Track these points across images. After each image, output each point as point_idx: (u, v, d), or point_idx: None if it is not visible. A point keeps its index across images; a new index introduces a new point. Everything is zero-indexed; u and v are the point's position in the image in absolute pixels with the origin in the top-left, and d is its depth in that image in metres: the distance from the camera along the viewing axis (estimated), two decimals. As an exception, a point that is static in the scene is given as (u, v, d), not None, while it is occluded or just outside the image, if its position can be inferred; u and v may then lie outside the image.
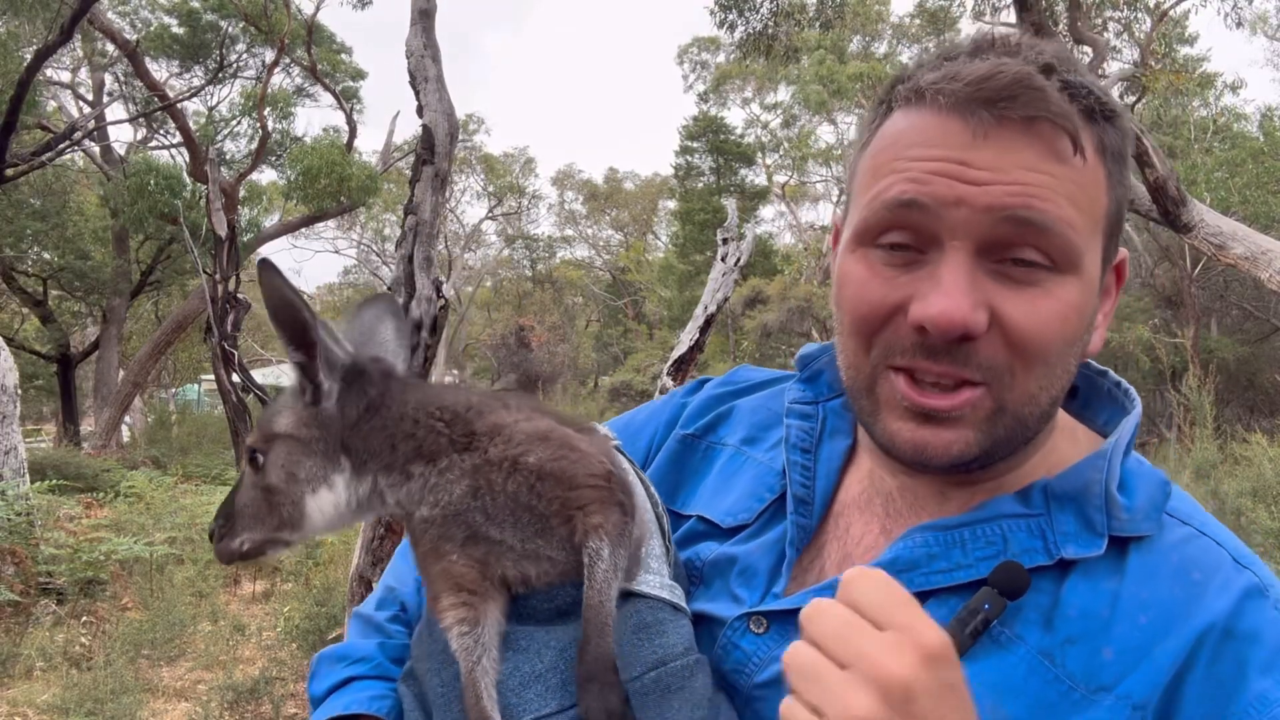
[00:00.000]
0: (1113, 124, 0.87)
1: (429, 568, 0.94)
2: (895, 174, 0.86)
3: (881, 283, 0.87)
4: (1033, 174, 0.82)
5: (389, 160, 23.88)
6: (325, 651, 1.12)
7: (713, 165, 37.04)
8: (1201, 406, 7.76)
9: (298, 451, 0.95)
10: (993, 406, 0.86)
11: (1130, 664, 0.82)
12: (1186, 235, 8.71)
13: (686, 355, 6.97)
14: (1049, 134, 0.83)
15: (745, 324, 26.24)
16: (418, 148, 4.12)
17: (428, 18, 4.39)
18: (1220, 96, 25.13)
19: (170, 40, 21.57)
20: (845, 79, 27.91)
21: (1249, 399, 19.74)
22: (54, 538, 7.91)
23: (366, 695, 1.03)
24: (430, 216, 3.99)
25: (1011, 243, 0.83)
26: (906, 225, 0.86)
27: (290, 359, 0.96)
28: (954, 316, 0.81)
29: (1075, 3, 12.09)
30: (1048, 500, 0.89)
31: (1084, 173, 0.84)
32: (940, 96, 0.84)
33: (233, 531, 0.97)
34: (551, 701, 0.87)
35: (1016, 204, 0.82)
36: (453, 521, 0.92)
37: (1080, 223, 0.84)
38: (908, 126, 0.88)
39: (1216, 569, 0.86)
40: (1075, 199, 0.83)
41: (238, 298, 15.17)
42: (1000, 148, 0.82)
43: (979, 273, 0.84)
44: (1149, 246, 22.02)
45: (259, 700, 5.68)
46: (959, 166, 0.83)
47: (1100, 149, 0.86)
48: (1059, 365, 0.87)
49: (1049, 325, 0.84)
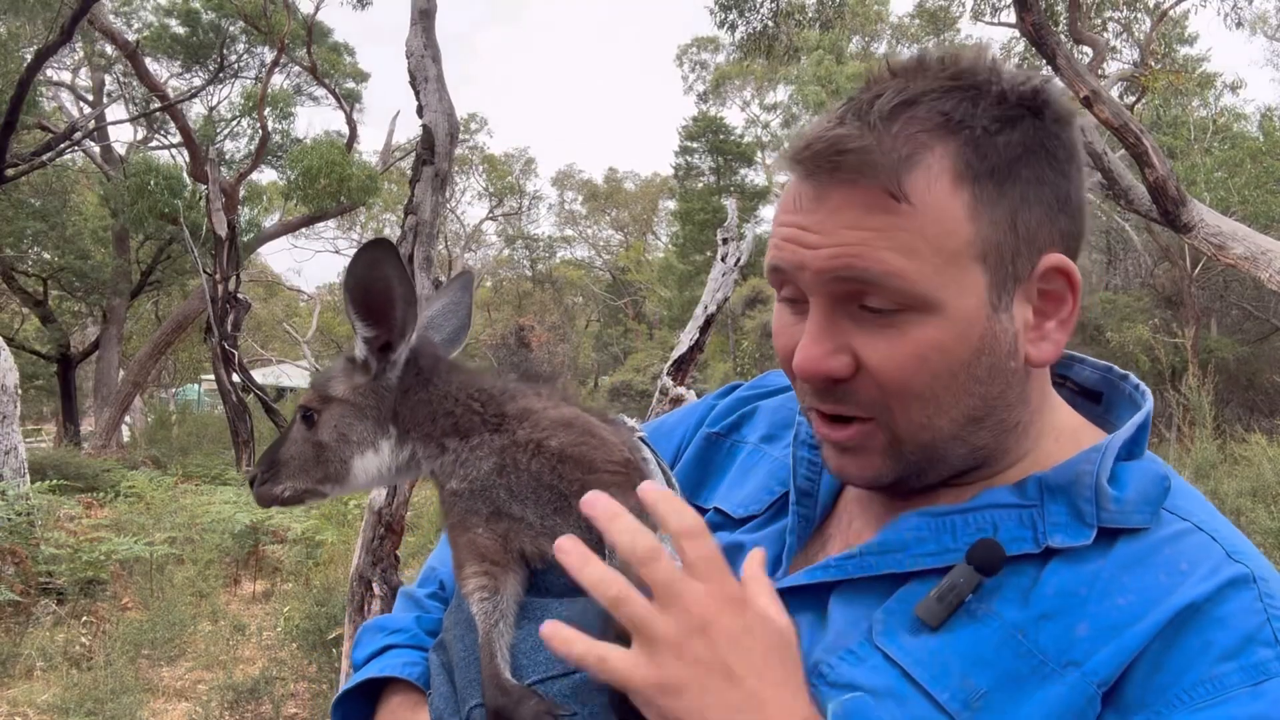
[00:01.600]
0: (1008, 130, 0.86)
1: (456, 539, 1.02)
2: (772, 239, 0.94)
3: (784, 333, 0.96)
4: (855, 232, 0.85)
5: (389, 160, 23.89)
6: (368, 622, 1.23)
7: (712, 165, 37.03)
8: (1201, 406, 7.76)
9: (351, 415, 1.06)
10: (885, 439, 0.92)
11: (1102, 641, 0.83)
12: (1186, 235, 8.71)
13: (686, 355, 6.96)
14: (871, 187, 0.85)
15: (745, 324, 26.24)
16: (418, 148, 4.12)
17: (428, 18, 4.40)
18: (1220, 96, 25.15)
19: (170, 40, 21.57)
20: (843, 79, 27.92)
21: (1249, 399, 19.73)
22: (54, 538, 7.91)
23: (400, 661, 1.12)
24: (430, 216, 4.00)
25: (851, 296, 0.88)
26: (783, 284, 0.94)
27: (361, 332, 1.04)
28: (809, 366, 0.89)
29: (1075, 3, 12.10)
30: (1042, 492, 0.92)
31: (916, 217, 0.84)
32: (795, 164, 0.90)
33: (277, 479, 1.08)
34: (559, 664, 0.94)
35: (839, 265, 0.86)
36: (479, 496, 1.01)
37: (913, 268, 0.84)
38: (785, 191, 0.94)
39: (1205, 560, 0.86)
40: (906, 245, 0.84)
41: (238, 298, 15.18)
42: (830, 208, 0.87)
43: (842, 320, 0.89)
44: (1149, 246, 22.02)
45: (259, 700, 5.68)
46: (800, 231, 0.89)
47: (961, 176, 0.85)
48: (944, 396, 0.89)
49: (907, 365, 0.87)
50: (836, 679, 0.88)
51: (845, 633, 0.90)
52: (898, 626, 0.88)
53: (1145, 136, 8.25)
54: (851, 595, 0.93)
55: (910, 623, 0.88)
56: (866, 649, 0.88)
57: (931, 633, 0.86)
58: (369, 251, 0.98)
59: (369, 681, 1.12)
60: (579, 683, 0.94)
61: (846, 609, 0.92)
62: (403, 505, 3.93)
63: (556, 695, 0.94)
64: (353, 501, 9.28)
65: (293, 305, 40.19)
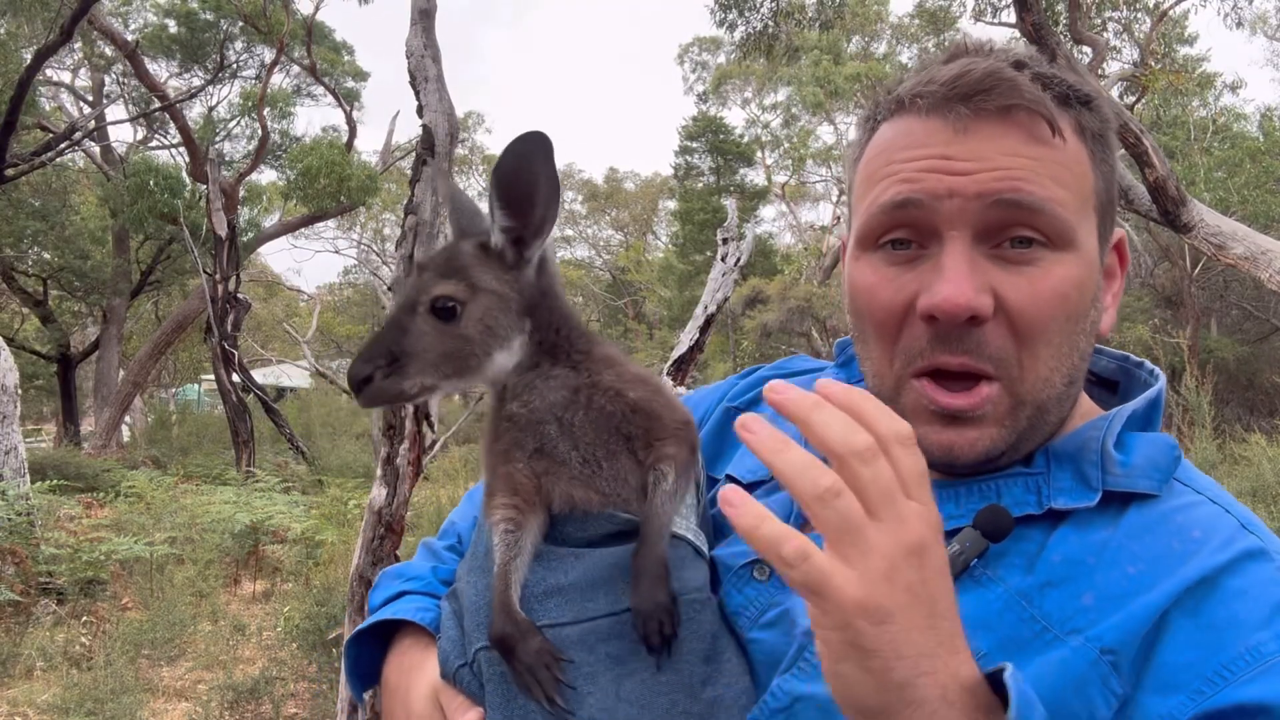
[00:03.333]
0: (1089, 108, 0.92)
1: (495, 466, 1.03)
2: (888, 178, 0.91)
3: (888, 284, 0.92)
4: (1015, 159, 0.87)
5: (389, 160, 23.87)
6: (387, 569, 1.26)
7: (712, 165, 36.98)
8: (1200, 406, 7.75)
9: (499, 308, 1.01)
10: (1011, 402, 0.90)
11: (1109, 610, 0.83)
12: (1186, 235, 8.71)
13: (686, 355, 6.96)
14: (1026, 120, 0.87)
15: (745, 324, 26.22)
16: (418, 148, 4.12)
17: (428, 18, 4.39)
18: (1219, 96, 25.13)
19: (169, 40, 21.55)
20: (842, 80, 27.90)
21: (1248, 399, 19.71)
22: (54, 538, 7.91)
23: (413, 606, 1.14)
24: (430, 216, 4.00)
25: (1006, 225, 0.87)
26: (905, 224, 0.90)
27: (502, 222, 1.00)
28: (958, 300, 0.85)
29: (1075, 3, 12.09)
30: (1049, 460, 0.93)
31: (1065, 153, 0.89)
32: (919, 100, 0.90)
33: (404, 373, 0.98)
34: (567, 613, 0.95)
35: (1004, 188, 0.86)
36: (532, 428, 1.01)
37: (1068, 200, 0.88)
38: (894, 134, 0.93)
39: (1218, 530, 0.86)
40: (1060, 178, 0.88)
41: (238, 298, 15.17)
42: (981, 138, 0.87)
43: (979, 258, 0.88)
44: (1149, 246, 22.02)
45: (259, 700, 5.68)
46: (945, 161, 0.88)
47: (1079, 131, 0.91)
48: (1065, 343, 0.90)
49: (1049, 302, 0.88)
50: None
51: None
52: None
53: (1145, 136, 8.24)
54: None
55: None
56: None
57: None
58: (525, 142, 0.94)
59: (383, 624, 1.14)
60: (585, 633, 0.94)
61: None
62: (403, 505, 3.93)
63: (561, 643, 0.94)
64: (352, 501, 9.29)
65: (293, 305, 40.16)
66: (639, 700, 0.90)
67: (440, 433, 16.86)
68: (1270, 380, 18.12)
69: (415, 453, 3.95)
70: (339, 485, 10.69)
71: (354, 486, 10.73)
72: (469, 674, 0.99)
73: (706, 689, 0.92)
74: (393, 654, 1.14)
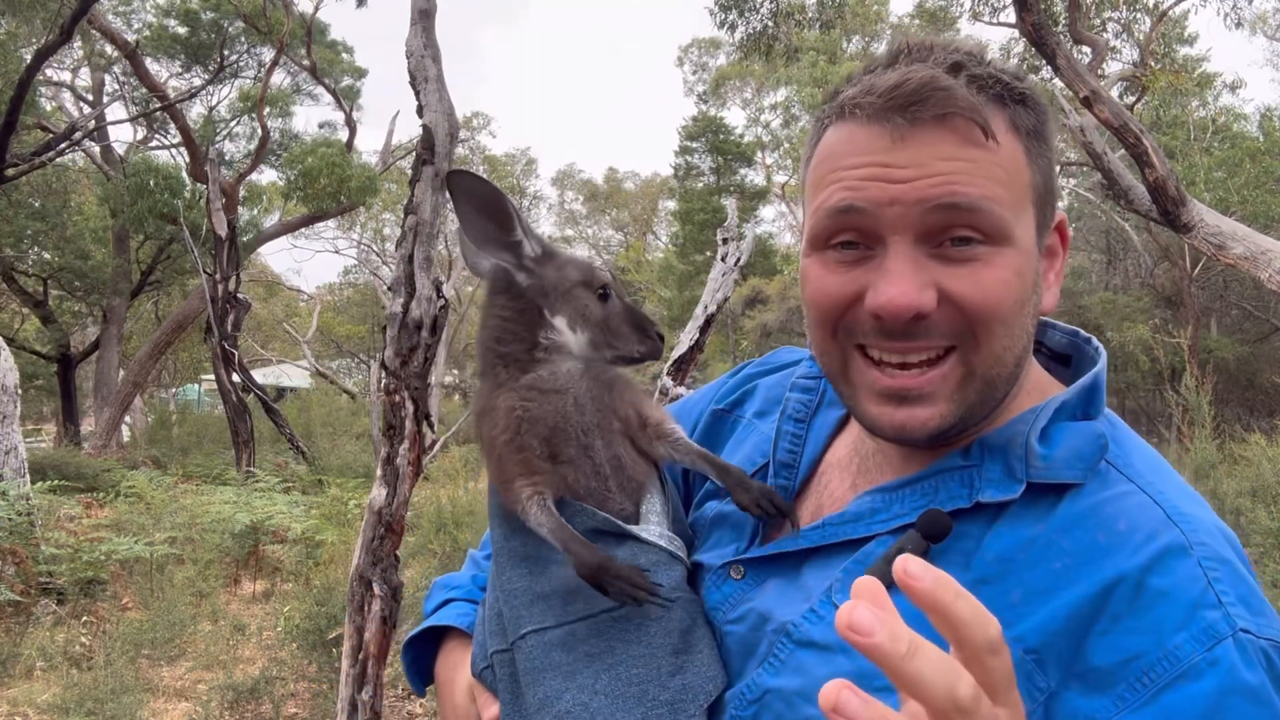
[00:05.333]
0: (1024, 105, 0.96)
1: (510, 455, 1.11)
2: (834, 184, 0.96)
3: (838, 278, 0.97)
4: (952, 163, 0.91)
5: (389, 160, 23.87)
6: (438, 580, 1.40)
7: (712, 165, 36.98)
8: (1200, 406, 7.75)
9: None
10: (962, 373, 0.95)
11: (1034, 607, 0.86)
12: (1186, 235, 8.71)
13: (686, 355, 6.96)
14: (961, 125, 0.92)
15: (745, 324, 26.23)
16: (418, 148, 4.12)
17: (428, 18, 4.39)
18: (1219, 96, 25.13)
19: (170, 40, 21.55)
20: (840, 80, 27.88)
21: (1248, 399, 19.71)
22: (54, 538, 7.91)
23: (455, 612, 1.29)
24: (430, 216, 4.00)
25: (945, 226, 0.92)
26: (850, 228, 0.96)
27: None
28: (901, 301, 0.91)
29: (1075, 3, 12.09)
30: (983, 452, 0.97)
31: (1000, 153, 0.93)
32: (858, 110, 0.94)
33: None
34: (550, 617, 1.05)
35: (941, 194, 0.91)
36: (540, 419, 1.11)
37: (1003, 196, 0.93)
38: (837, 140, 0.98)
39: (1142, 523, 0.88)
40: (995, 176, 0.92)
41: (238, 298, 15.17)
42: (918, 145, 0.92)
43: (922, 258, 0.93)
44: (1149, 246, 22.02)
45: (259, 700, 5.68)
46: (885, 169, 0.92)
47: (1014, 129, 0.95)
48: (1016, 325, 0.95)
49: (993, 291, 0.93)
50: (800, 637, 0.96)
51: (813, 593, 0.99)
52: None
53: (1145, 136, 8.24)
54: (823, 560, 1.00)
55: None
56: (826, 607, 0.96)
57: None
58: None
59: (434, 628, 1.30)
60: (566, 635, 1.04)
61: (818, 572, 1.00)
62: (403, 505, 3.93)
63: (545, 646, 1.05)
64: (352, 501, 9.29)
65: (293, 305, 40.16)
66: (612, 691, 0.99)
67: (440, 433, 16.80)
68: (1270, 380, 18.13)
69: (415, 453, 3.95)
70: (339, 485, 10.70)
71: (354, 486, 10.73)
72: (490, 675, 1.12)
73: (676, 678, 1.00)
74: (441, 654, 1.30)
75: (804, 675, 0.94)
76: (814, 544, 1.01)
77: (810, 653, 0.95)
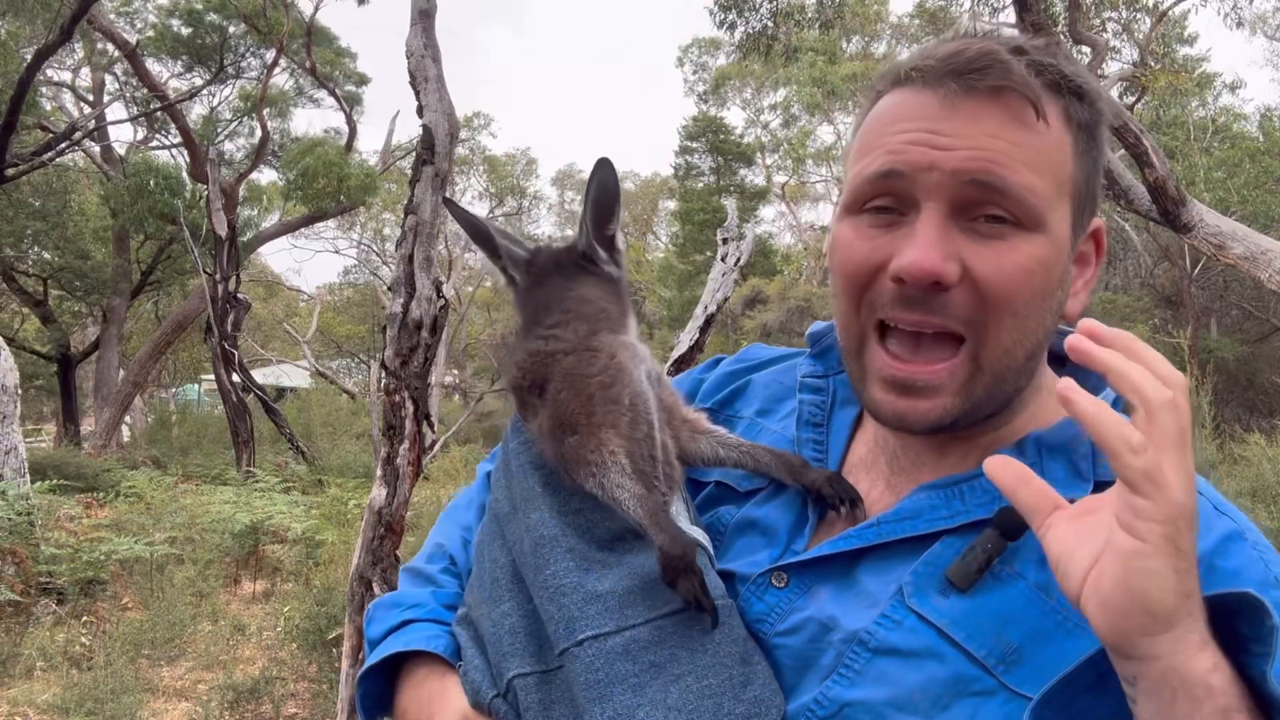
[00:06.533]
0: (1080, 98, 0.95)
1: (604, 401, 1.04)
2: (878, 149, 0.95)
3: (866, 244, 0.96)
4: (996, 140, 0.91)
5: (389, 160, 23.87)
6: (379, 599, 1.21)
7: (712, 165, 36.97)
8: (1200, 406, 7.75)
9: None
10: (970, 369, 0.94)
11: None
12: (1186, 235, 8.71)
13: (686, 355, 6.96)
14: (1013, 103, 0.91)
15: (745, 324, 26.22)
16: (418, 148, 4.12)
17: (428, 18, 4.39)
18: (1219, 96, 25.14)
19: (172, 41, 21.55)
20: (838, 80, 27.92)
21: (1248, 399, 19.70)
22: (54, 538, 7.91)
23: (423, 635, 1.11)
24: (430, 216, 4.00)
25: (978, 202, 0.92)
26: (888, 192, 0.95)
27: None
28: (924, 266, 0.90)
29: (1075, 3, 12.09)
30: (1040, 451, 0.97)
31: (1047, 139, 0.92)
32: (915, 74, 0.94)
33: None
34: (609, 622, 0.94)
35: (978, 169, 0.90)
36: (635, 379, 1.08)
37: (1040, 186, 0.92)
38: (888, 106, 0.98)
39: (1199, 514, 0.89)
40: (1035, 164, 0.91)
41: (238, 298, 15.17)
42: (968, 116, 0.91)
43: (952, 229, 0.92)
44: (1149, 246, 22.01)
45: (259, 700, 5.68)
46: (931, 135, 0.92)
47: (1066, 118, 0.94)
48: (1030, 318, 0.94)
49: (1014, 276, 0.92)
50: (878, 645, 0.92)
51: (878, 597, 0.94)
52: (928, 588, 0.92)
53: (1145, 136, 8.24)
54: (880, 561, 0.97)
55: (940, 585, 0.92)
56: (901, 612, 0.92)
57: (961, 594, 0.90)
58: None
59: (385, 658, 1.12)
60: (628, 642, 0.94)
61: (876, 575, 0.96)
62: (403, 505, 3.94)
63: (606, 655, 0.94)
64: (352, 501, 9.29)
65: (293, 305, 40.15)
66: (686, 706, 0.90)
67: (440, 433, 16.75)
68: (1270, 380, 18.12)
69: (415, 453, 3.95)
70: (339, 485, 10.69)
71: (354, 486, 10.73)
72: (503, 704, 0.98)
73: (748, 689, 0.93)
74: (407, 684, 1.11)
75: (891, 685, 0.89)
76: (870, 543, 0.97)
77: (893, 660, 0.91)
